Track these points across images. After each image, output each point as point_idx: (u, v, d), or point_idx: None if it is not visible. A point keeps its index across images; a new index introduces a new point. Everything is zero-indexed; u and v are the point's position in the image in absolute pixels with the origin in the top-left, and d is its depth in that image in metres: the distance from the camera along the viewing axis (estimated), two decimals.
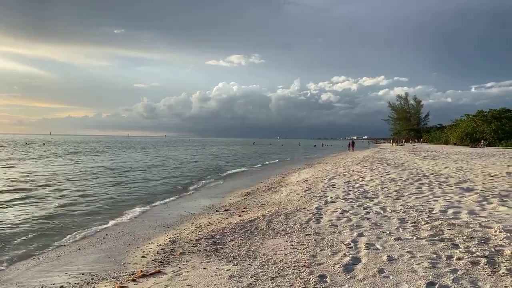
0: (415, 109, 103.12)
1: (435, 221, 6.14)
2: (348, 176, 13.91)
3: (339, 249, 5.09)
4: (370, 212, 7.20)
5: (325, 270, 4.33)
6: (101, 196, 12.62)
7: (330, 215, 7.25)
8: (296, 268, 4.48)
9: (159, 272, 4.89)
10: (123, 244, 6.76)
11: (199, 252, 5.61)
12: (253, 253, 5.29)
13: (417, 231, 5.66)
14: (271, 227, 6.69)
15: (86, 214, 9.85)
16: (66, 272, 5.30)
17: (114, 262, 5.61)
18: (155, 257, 5.61)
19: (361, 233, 5.76)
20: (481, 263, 4.12)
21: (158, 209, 10.54)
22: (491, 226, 5.64)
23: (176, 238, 6.67)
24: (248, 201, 10.64)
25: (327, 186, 11.50)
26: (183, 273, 4.77)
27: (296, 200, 9.55)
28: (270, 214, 7.83)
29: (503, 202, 7.33)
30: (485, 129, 55.15)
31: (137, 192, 13.83)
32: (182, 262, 5.22)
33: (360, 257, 4.67)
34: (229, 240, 6.12)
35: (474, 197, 8.06)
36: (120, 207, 10.85)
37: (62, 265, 5.70)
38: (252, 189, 13.26)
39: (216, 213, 9.09)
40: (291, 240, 5.75)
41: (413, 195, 8.79)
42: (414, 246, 4.93)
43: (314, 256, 4.86)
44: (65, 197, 12.29)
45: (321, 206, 8.25)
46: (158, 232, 7.54)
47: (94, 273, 5.13)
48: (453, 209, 6.99)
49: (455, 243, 4.92)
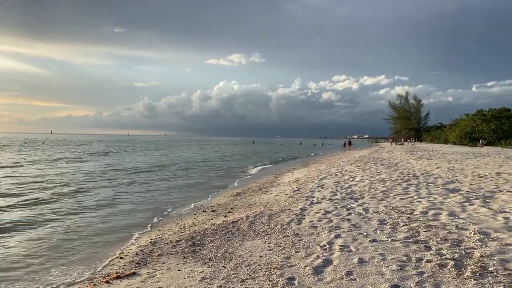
0: (415, 108, 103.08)
1: (414, 223, 6.16)
2: (339, 176, 13.94)
3: (313, 251, 5.11)
4: (352, 213, 7.22)
5: (295, 272, 4.36)
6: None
7: (312, 216, 7.27)
8: (268, 270, 4.52)
9: (134, 274, 4.93)
10: (102, 244, 6.80)
11: (177, 253, 5.65)
12: (230, 254, 5.32)
13: (394, 232, 5.68)
14: (252, 228, 6.72)
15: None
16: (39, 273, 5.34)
17: (92, 262, 5.65)
18: (133, 258, 5.66)
19: (339, 234, 5.79)
20: (448, 265, 4.15)
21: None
22: (467, 228, 5.66)
23: (157, 239, 6.71)
24: (237, 201, 10.68)
25: (316, 186, 11.53)
26: (157, 274, 4.82)
27: (284, 200, 9.58)
28: (254, 215, 7.86)
29: (485, 204, 7.35)
30: (484, 129, 55.08)
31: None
32: (159, 263, 5.26)
33: (332, 259, 4.69)
34: (208, 241, 6.15)
35: (457, 198, 8.08)
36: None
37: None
38: (243, 189, 13.30)
39: (203, 214, 9.13)
40: (270, 241, 5.78)
41: (399, 196, 8.81)
42: (388, 248, 4.95)
43: (288, 258, 4.89)
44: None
45: (306, 207, 8.27)
46: (140, 233, 7.58)
47: (71, 274, 5.17)
48: (434, 210, 7.01)
49: (428, 245, 4.95)
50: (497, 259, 4.26)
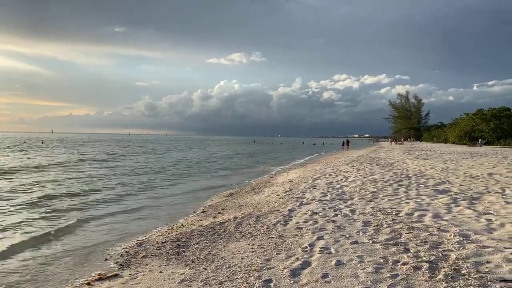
0: (416, 107, 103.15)
1: (397, 224, 6.21)
2: (333, 177, 13.98)
3: (294, 252, 5.16)
4: (339, 214, 7.26)
5: (273, 274, 4.41)
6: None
7: (299, 217, 7.32)
8: (247, 272, 4.57)
9: (116, 275, 4.99)
10: (89, 245, 6.86)
11: (161, 255, 5.71)
12: (213, 256, 5.38)
13: (376, 234, 5.72)
14: (238, 230, 6.77)
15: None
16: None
17: (76, 264, 5.71)
18: (118, 259, 5.72)
19: (322, 236, 5.84)
20: (423, 268, 4.19)
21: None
22: (448, 230, 5.70)
23: (144, 240, 6.77)
24: (229, 202, 10.74)
25: (308, 187, 11.57)
26: (138, 276, 4.88)
27: (274, 201, 9.63)
28: (243, 216, 7.92)
29: (471, 205, 7.38)
30: (484, 128, 55.02)
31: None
32: (142, 265, 5.32)
33: (311, 261, 4.74)
34: (194, 243, 6.21)
35: (445, 199, 8.11)
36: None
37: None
38: (236, 190, 13.36)
39: (192, 215, 9.19)
40: (254, 243, 5.83)
41: (388, 197, 8.85)
42: (367, 250, 5.00)
43: (269, 260, 4.94)
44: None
45: (295, 208, 8.32)
46: (129, 235, 7.64)
47: (53, 275, 5.23)
48: (419, 212, 7.05)
49: (407, 248, 4.99)
50: (472, 261, 4.30)
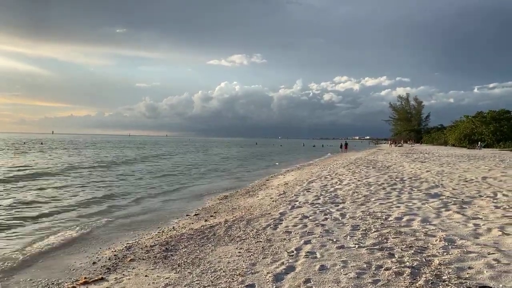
0: (416, 109, 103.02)
1: (385, 229, 6.22)
2: (328, 180, 13.99)
3: (280, 257, 5.17)
4: (329, 218, 7.28)
5: (256, 279, 4.42)
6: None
7: (289, 221, 7.33)
8: (231, 276, 4.58)
9: (102, 279, 5.01)
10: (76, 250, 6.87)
11: (148, 259, 5.72)
12: (200, 260, 5.39)
13: (363, 239, 5.74)
14: (228, 233, 6.79)
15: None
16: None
17: (63, 267, 5.73)
18: (105, 263, 5.73)
19: (309, 240, 5.85)
20: (405, 273, 4.20)
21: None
22: (435, 234, 5.71)
23: (133, 243, 6.78)
24: (222, 205, 10.75)
25: (302, 190, 11.59)
26: (124, 280, 4.89)
27: (267, 204, 9.65)
28: (234, 219, 7.93)
29: (461, 209, 7.40)
30: (484, 131, 54.99)
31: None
32: (129, 269, 5.33)
33: (296, 266, 4.75)
34: (182, 246, 6.23)
35: (435, 203, 8.13)
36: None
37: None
38: (231, 192, 13.38)
39: (185, 218, 9.21)
40: (241, 247, 5.85)
41: (379, 200, 8.86)
42: (352, 255, 5.01)
43: (254, 264, 4.95)
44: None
45: (286, 211, 8.33)
46: (120, 236, 7.65)
47: (39, 280, 5.24)
48: (409, 216, 7.07)
49: (392, 253, 5.00)
50: (454, 267, 4.32)
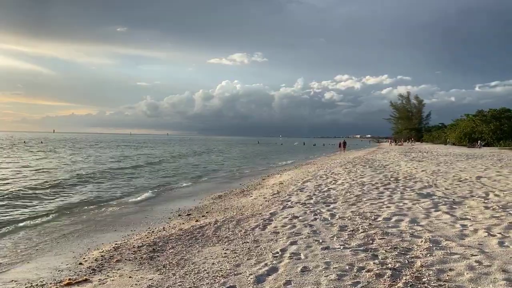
0: (417, 108, 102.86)
1: (373, 230, 6.21)
2: (323, 179, 13.98)
3: (264, 258, 5.17)
4: (318, 218, 7.27)
5: (238, 280, 4.42)
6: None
7: (279, 221, 7.33)
8: (214, 278, 4.58)
9: (86, 280, 5.00)
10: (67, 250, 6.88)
11: (135, 259, 5.72)
12: (185, 261, 5.39)
13: (349, 240, 5.73)
14: (216, 234, 6.79)
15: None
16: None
17: (50, 269, 5.73)
18: (91, 264, 5.73)
19: (296, 241, 5.84)
20: (385, 275, 4.20)
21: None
22: (421, 236, 5.70)
23: (121, 244, 6.78)
24: (215, 205, 10.74)
25: (296, 189, 11.58)
26: (108, 281, 4.89)
27: (259, 204, 9.65)
28: (224, 220, 7.93)
29: (450, 210, 7.38)
30: (484, 129, 54.91)
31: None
32: (114, 270, 5.33)
33: (279, 267, 4.75)
34: (169, 247, 6.22)
35: (426, 203, 8.11)
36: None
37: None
38: (225, 192, 13.37)
39: (177, 218, 9.20)
40: (228, 248, 5.85)
41: (371, 200, 8.86)
42: (336, 256, 5.00)
43: (238, 266, 4.95)
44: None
45: (277, 211, 8.33)
46: (110, 237, 7.66)
47: (24, 281, 5.25)
48: (398, 216, 7.06)
49: (376, 254, 5.00)
50: (435, 269, 4.31)
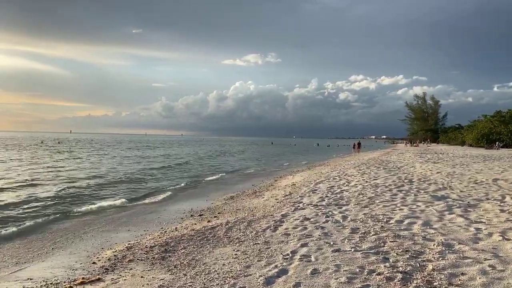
0: (433, 109, 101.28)
1: (384, 232, 6.16)
2: (336, 181, 13.90)
3: (275, 260, 5.18)
4: (329, 220, 7.24)
5: (247, 282, 4.44)
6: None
7: (290, 223, 7.33)
8: (224, 279, 4.60)
9: (99, 280, 5.09)
10: (86, 249, 6.99)
11: (147, 259, 5.79)
12: (196, 262, 5.43)
13: (361, 242, 5.70)
14: (227, 235, 6.82)
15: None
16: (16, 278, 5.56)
17: (65, 268, 5.84)
18: (104, 263, 5.82)
19: (306, 243, 5.83)
20: (396, 279, 4.16)
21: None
22: (434, 239, 5.63)
23: (134, 244, 6.87)
24: (227, 205, 10.79)
25: (309, 191, 11.55)
26: (120, 281, 4.96)
27: (271, 205, 9.65)
28: (235, 220, 7.96)
29: (464, 213, 7.26)
30: (502, 130, 53.71)
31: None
32: (126, 269, 5.40)
33: (289, 269, 4.75)
34: (181, 247, 6.28)
35: (440, 206, 8.00)
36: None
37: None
38: (237, 193, 13.41)
39: (189, 218, 9.27)
40: (239, 249, 5.87)
41: (383, 203, 8.77)
42: (346, 259, 4.98)
43: (248, 267, 4.97)
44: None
45: (289, 213, 8.32)
46: (124, 237, 7.76)
47: (40, 279, 5.36)
48: (410, 219, 6.97)
49: (387, 257, 4.95)
50: (447, 273, 4.25)
